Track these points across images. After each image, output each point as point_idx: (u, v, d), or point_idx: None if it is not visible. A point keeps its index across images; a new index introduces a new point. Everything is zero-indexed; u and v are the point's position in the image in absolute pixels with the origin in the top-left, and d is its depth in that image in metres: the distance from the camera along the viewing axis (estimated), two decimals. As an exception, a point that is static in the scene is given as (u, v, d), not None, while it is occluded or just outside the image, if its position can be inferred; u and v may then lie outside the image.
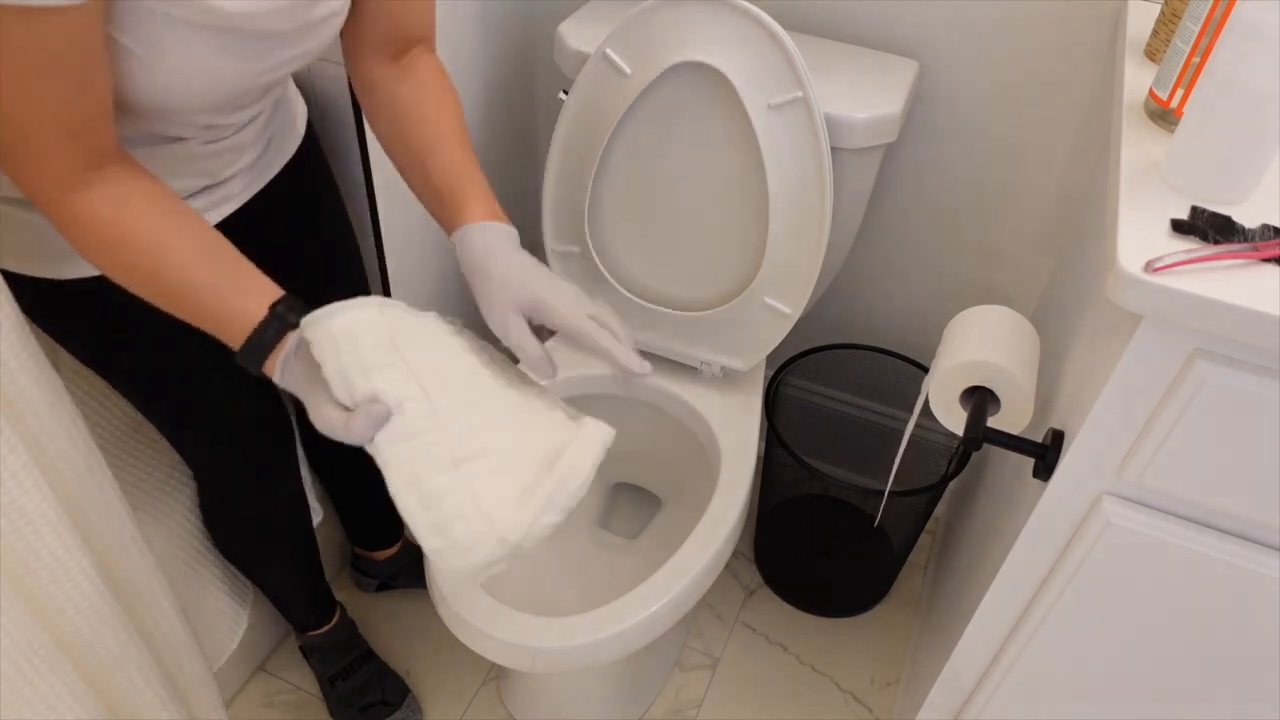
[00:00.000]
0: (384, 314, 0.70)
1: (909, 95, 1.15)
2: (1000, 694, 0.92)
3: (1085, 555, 0.77)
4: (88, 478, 0.79)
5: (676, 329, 1.26)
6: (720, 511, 1.12)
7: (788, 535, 1.57)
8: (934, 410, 0.90)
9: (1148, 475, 0.71)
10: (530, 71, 1.44)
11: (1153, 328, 0.64)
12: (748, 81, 1.03)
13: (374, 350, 0.68)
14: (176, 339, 0.94)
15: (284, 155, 0.98)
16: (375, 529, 1.45)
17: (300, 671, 1.42)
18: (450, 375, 0.72)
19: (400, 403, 0.68)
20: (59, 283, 0.84)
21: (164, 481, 1.15)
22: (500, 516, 0.69)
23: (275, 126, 0.95)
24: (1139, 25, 0.95)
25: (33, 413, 0.71)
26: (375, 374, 0.68)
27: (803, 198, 1.09)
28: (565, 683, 1.29)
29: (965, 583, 1.10)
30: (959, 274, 1.39)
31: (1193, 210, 0.67)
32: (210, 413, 1.01)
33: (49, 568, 0.74)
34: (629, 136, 1.13)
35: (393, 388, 0.68)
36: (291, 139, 0.99)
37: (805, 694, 1.44)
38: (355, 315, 0.68)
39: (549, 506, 0.70)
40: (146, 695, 0.90)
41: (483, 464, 0.70)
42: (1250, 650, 0.77)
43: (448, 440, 0.70)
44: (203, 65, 0.70)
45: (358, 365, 0.68)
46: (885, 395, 1.53)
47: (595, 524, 1.37)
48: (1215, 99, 0.65)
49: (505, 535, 0.69)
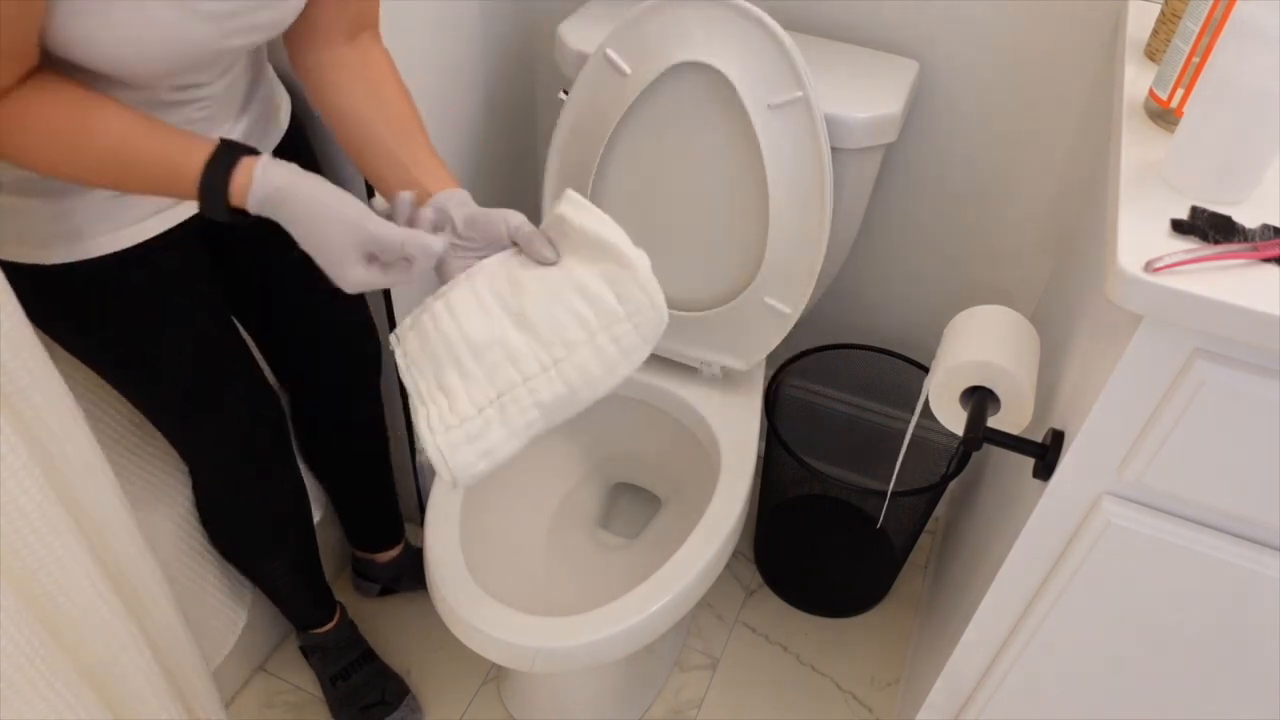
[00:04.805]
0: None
1: (909, 95, 1.15)
2: (1000, 694, 0.92)
3: (1085, 555, 0.77)
4: (88, 477, 0.79)
5: (676, 329, 1.25)
6: (720, 511, 1.12)
7: (788, 535, 1.57)
8: (934, 410, 0.90)
9: (1148, 475, 0.71)
10: (530, 71, 1.44)
11: (1153, 328, 0.64)
12: (748, 81, 1.03)
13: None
14: (167, 326, 0.94)
15: (266, 147, 0.97)
16: (376, 528, 1.45)
17: (300, 671, 1.42)
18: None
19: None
20: (47, 269, 0.85)
21: (164, 481, 1.15)
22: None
23: (255, 113, 0.94)
24: (1139, 25, 0.95)
25: (33, 412, 0.71)
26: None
27: (803, 198, 1.09)
28: (565, 683, 1.29)
29: (965, 583, 1.10)
30: (959, 274, 1.39)
31: (1193, 210, 0.67)
32: (200, 399, 1.01)
33: (49, 568, 0.74)
34: (629, 136, 1.13)
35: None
36: (274, 131, 0.99)
37: (805, 694, 1.44)
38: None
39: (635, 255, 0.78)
40: (146, 695, 0.90)
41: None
42: (1250, 650, 0.77)
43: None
44: (153, 18, 0.70)
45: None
46: (885, 395, 1.53)
47: (595, 524, 1.37)
48: (1215, 99, 0.65)
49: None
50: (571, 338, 0.78)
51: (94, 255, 0.86)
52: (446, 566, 1.05)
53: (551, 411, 0.80)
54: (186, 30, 0.72)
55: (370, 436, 1.31)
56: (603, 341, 0.78)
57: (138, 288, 0.91)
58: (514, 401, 0.79)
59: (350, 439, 1.30)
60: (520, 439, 0.80)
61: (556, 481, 1.37)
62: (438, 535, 1.09)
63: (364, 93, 0.86)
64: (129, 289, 0.90)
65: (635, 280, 0.77)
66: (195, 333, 0.98)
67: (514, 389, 0.78)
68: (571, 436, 1.35)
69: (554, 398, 0.79)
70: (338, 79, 0.87)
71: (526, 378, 0.78)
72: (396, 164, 0.84)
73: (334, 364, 1.18)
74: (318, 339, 1.15)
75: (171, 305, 0.94)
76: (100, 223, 0.85)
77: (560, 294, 0.78)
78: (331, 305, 1.13)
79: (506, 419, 0.79)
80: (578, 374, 0.78)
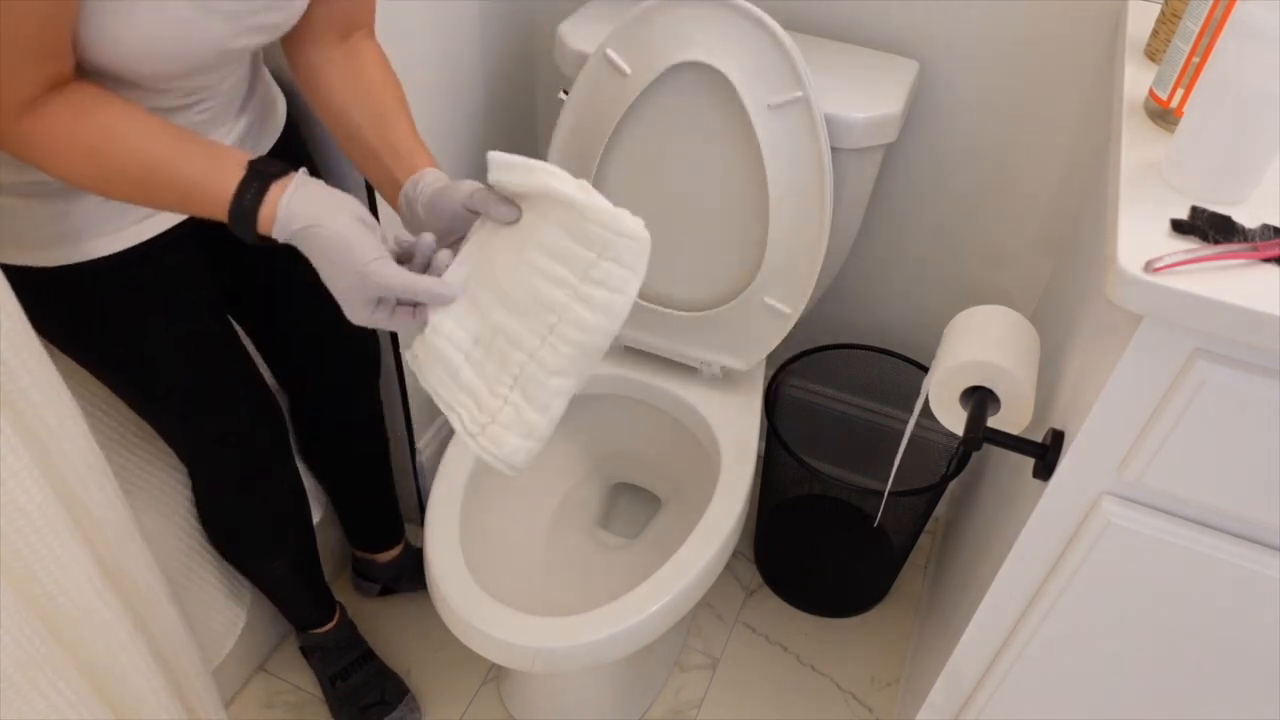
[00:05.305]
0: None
1: (909, 95, 1.15)
2: (1000, 694, 0.92)
3: (1085, 555, 0.77)
4: (88, 477, 0.79)
5: (676, 329, 1.26)
6: (720, 511, 1.12)
7: (788, 535, 1.57)
8: (934, 410, 0.90)
9: (1148, 475, 0.71)
10: (530, 71, 1.44)
11: (1153, 328, 0.64)
12: (748, 81, 1.03)
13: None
14: (166, 326, 0.94)
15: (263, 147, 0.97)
16: (376, 528, 1.45)
17: (300, 671, 1.42)
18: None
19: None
20: (46, 270, 0.85)
21: (164, 481, 1.15)
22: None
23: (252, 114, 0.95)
24: (1139, 25, 0.95)
25: (33, 412, 0.71)
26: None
27: (803, 198, 1.09)
28: (565, 683, 1.29)
29: (965, 583, 1.10)
30: (959, 274, 1.39)
31: (1193, 210, 0.67)
32: (200, 399, 1.01)
33: (49, 568, 0.74)
34: (629, 136, 1.13)
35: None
36: (270, 131, 0.99)
37: (805, 694, 1.44)
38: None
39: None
40: (146, 695, 0.90)
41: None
42: (1250, 650, 0.77)
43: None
44: (177, 16, 0.71)
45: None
46: (885, 395, 1.53)
47: (595, 524, 1.37)
48: (1215, 99, 0.65)
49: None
50: (556, 299, 0.76)
51: (94, 257, 0.86)
52: (446, 566, 1.05)
53: (572, 370, 0.79)
54: (203, 29, 0.73)
55: (370, 437, 1.32)
56: (588, 290, 0.75)
57: (137, 289, 0.91)
58: (530, 380, 0.78)
59: (350, 439, 1.30)
60: (556, 406, 0.79)
61: (556, 481, 1.37)
62: (438, 535, 1.09)
63: (347, 87, 0.87)
64: (129, 290, 0.90)
65: (586, 218, 0.74)
66: (195, 333, 0.98)
67: (525, 368, 0.78)
68: (571, 436, 1.35)
69: (566, 359, 0.78)
70: (327, 78, 0.87)
71: (532, 354, 0.77)
72: (372, 155, 0.85)
73: (334, 364, 1.18)
74: (317, 339, 1.15)
75: (171, 306, 0.94)
76: (100, 224, 0.85)
77: (529, 260, 0.76)
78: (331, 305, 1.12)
79: (531, 398, 0.78)
80: (577, 330, 0.76)
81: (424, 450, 1.49)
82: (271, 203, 0.72)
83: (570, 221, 0.74)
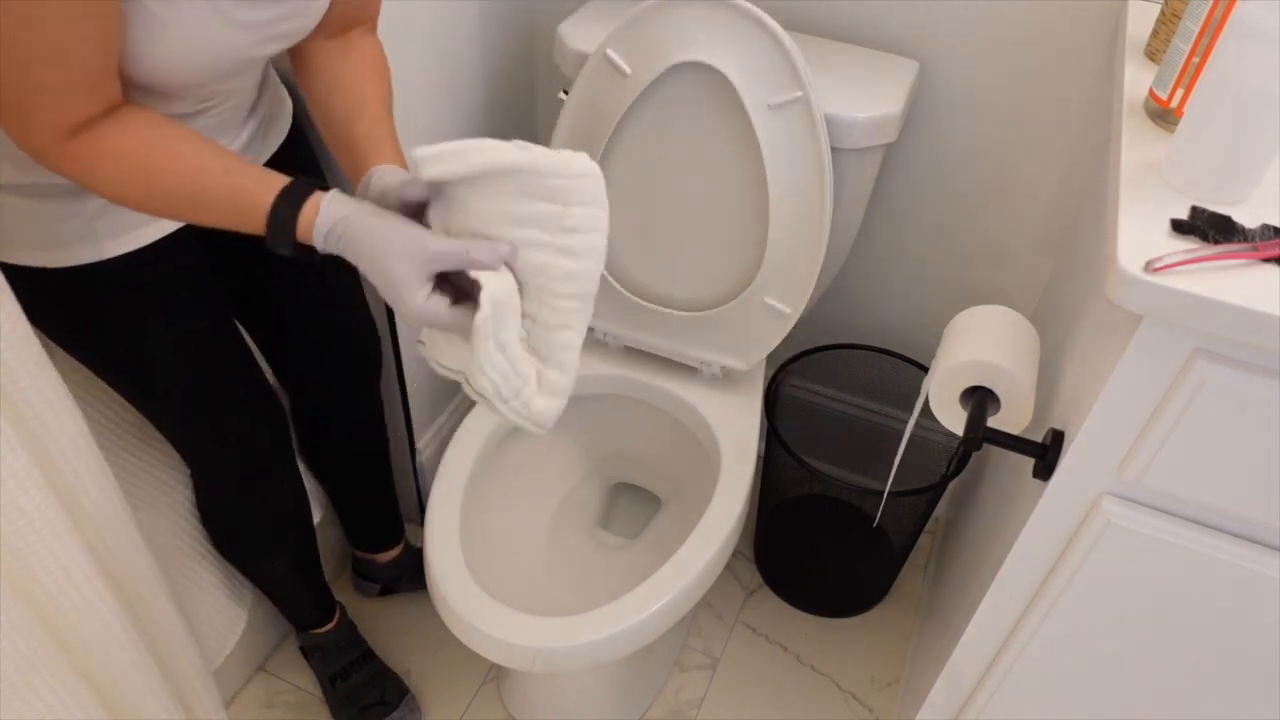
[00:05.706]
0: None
1: (909, 95, 1.15)
2: (1000, 694, 0.92)
3: (1085, 555, 0.77)
4: (88, 478, 0.79)
5: (676, 329, 1.26)
6: (720, 511, 1.12)
7: (788, 535, 1.57)
8: (934, 410, 0.90)
9: (1148, 475, 0.71)
10: (530, 71, 1.44)
11: (1153, 328, 0.64)
12: (748, 81, 1.03)
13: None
14: (167, 326, 0.94)
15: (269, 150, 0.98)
16: (376, 528, 1.45)
17: (300, 671, 1.42)
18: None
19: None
20: (47, 271, 0.85)
21: (164, 481, 1.15)
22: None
23: (260, 117, 0.95)
24: (1139, 25, 0.95)
25: (33, 412, 0.71)
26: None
27: (803, 198, 1.09)
28: (565, 683, 1.29)
29: (965, 583, 1.10)
30: (959, 274, 1.39)
31: (1193, 210, 0.67)
32: (201, 399, 1.01)
33: (49, 568, 0.74)
34: (629, 136, 1.13)
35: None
36: (276, 134, 0.99)
37: (805, 694, 1.44)
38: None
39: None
40: (146, 695, 0.90)
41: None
42: (1250, 650, 0.77)
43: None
44: (206, 31, 0.72)
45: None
46: (885, 395, 1.53)
47: (595, 524, 1.37)
48: (1215, 99, 0.65)
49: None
50: (538, 261, 0.76)
51: (96, 259, 0.86)
52: (446, 566, 1.05)
53: (575, 322, 0.79)
54: (229, 40, 0.74)
55: (370, 437, 1.32)
56: (564, 241, 0.76)
57: (138, 289, 0.91)
58: (540, 342, 0.79)
59: (350, 439, 1.30)
60: (570, 360, 0.80)
61: (556, 481, 1.37)
62: (438, 535, 1.09)
63: (333, 78, 0.87)
64: (129, 290, 0.90)
65: (540, 172, 0.74)
66: (195, 333, 0.98)
67: (530, 331, 0.78)
68: (572, 436, 1.35)
69: (567, 313, 0.78)
70: (316, 67, 0.88)
71: (535, 318, 0.78)
72: (345, 148, 0.86)
73: (335, 364, 1.18)
74: (319, 340, 1.15)
75: (171, 306, 0.94)
76: (102, 226, 0.85)
77: (500, 237, 0.76)
78: (332, 306, 1.13)
79: (546, 359, 0.79)
80: (568, 283, 0.77)
81: (424, 450, 1.49)
82: (313, 204, 0.73)
83: (524, 183, 0.74)
